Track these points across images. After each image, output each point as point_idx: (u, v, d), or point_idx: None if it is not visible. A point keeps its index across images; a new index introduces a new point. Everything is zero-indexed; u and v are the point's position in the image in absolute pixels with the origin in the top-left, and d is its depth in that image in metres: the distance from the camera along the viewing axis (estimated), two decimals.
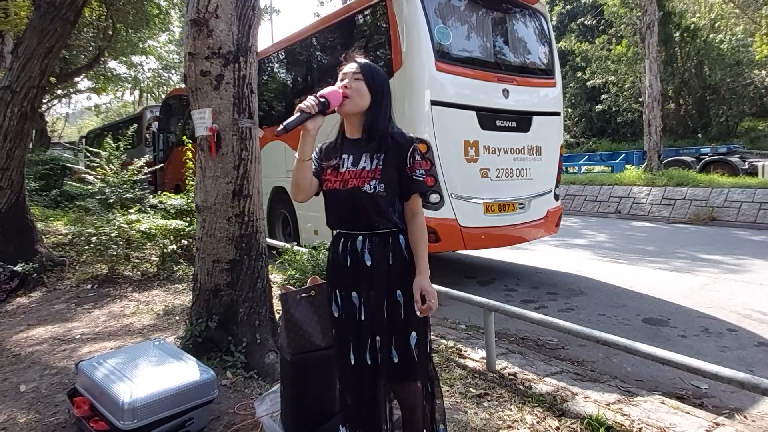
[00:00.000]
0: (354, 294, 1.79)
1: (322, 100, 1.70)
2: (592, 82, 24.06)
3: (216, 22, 2.99)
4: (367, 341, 1.77)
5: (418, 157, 1.78)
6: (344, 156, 1.81)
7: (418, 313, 1.72)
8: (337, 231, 1.87)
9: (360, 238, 1.78)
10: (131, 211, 6.05)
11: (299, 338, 2.17)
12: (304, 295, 2.20)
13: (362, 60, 1.82)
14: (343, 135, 1.88)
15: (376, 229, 1.77)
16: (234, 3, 3.03)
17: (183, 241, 5.72)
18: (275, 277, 4.89)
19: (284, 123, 1.66)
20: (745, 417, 2.69)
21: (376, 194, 1.73)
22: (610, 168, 17.55)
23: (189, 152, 6.52)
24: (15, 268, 5.00)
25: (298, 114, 1.69)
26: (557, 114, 5.91)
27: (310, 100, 1.69)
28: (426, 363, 1.84)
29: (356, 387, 1.82)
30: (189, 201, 6.07)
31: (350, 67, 1.80)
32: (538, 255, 7.19)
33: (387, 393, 1.81)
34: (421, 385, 1.84)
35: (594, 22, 24.71)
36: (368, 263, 1.76)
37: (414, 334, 1.76)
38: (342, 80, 1.79)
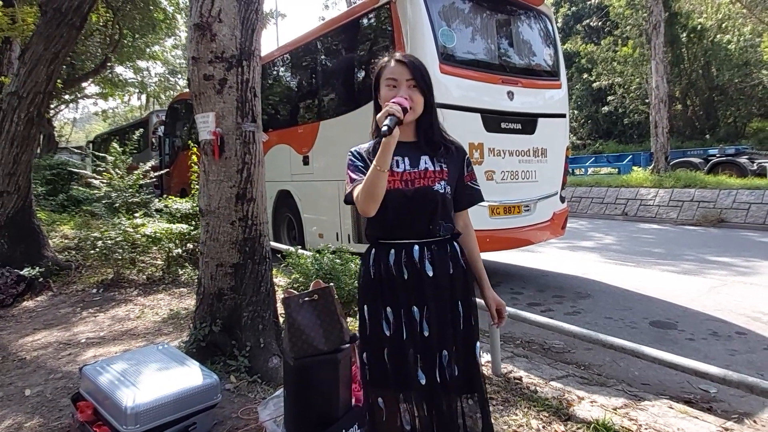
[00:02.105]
0: (415, 309, 1.65)
1: (405, 107, 1.58)
2: (598, 83, 24.01)
3: (219, 26, 3.00)
4: (437, 358, 1.64)
5: (473, 166, 1.77)
6: (397, 158, 1.67)
7: (494, 326, 1.74)
8: (380, 242, 1.72)
9: (416, 247, 1.65)
10: (137, 215, 6.07)
11: (302, 342, 2.15)
12: (307, 299, 2.18)
13: (411, 61, 1.68)
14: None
15: (435, 235, 1.66)
16: (237, 7, 3.03)
17: (188, 244, 5.73)
18: (280, 280, 4.89)
19: (385, 126, 1.51)
20: (754, 421, 2.65)
21: (446, 195, 1.66)
22: (616, 170, 17.50)
23: (194, 156, 6.56)
24: (21, 273, 5.03)
25: (391, 117, 1.54)
26: (563, 116, 5.88)
27: (394, 107, 1.55)
28: (482, 372, 1.76)
29: (427, 408, 1.68)
30: (194, 205, 6.09)
31: (402, 73, 1.66)
32: (544, 257, 7.15)
33: (459, 405, 1.70)
34: (477, 398, 1.72)
35: (600, 23, 24.66)
36: (430, 274, 1.64)
37: (478, 344, 1.72)
38: (390, 85, 1.67)
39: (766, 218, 9.47)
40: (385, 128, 1.50)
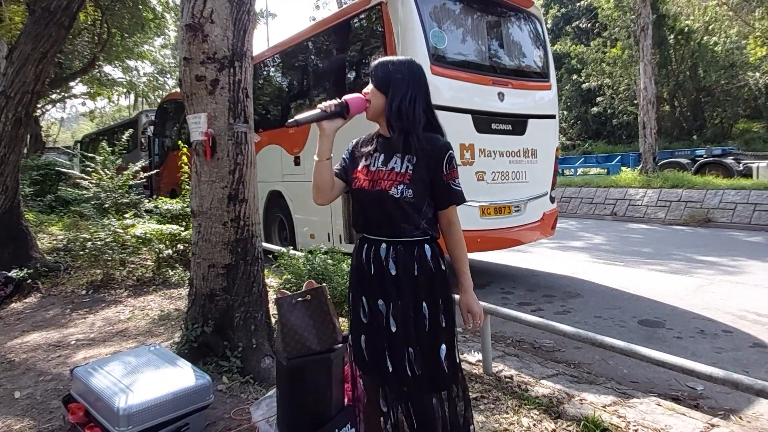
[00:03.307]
0: (381, 302, 1.73)
1: (342, 102, 1.71)
2: (587, 84, 24.18)
3: (211, 27, 2.99)
4: (404, 353, 1.70)
5: (455, 165, 1.72)
6: (376, 154, 1.78)
7: (467, 328, 1.70)
8: (362, 235, 1.81)
9: (384, 245, 1.72)
10: (126, 215, 6.03)
11: (295, 343, 2.16)
12: (299, 299, 2.19)
13: (376, 61, 1.78)
14: (378, 133, 1.84)
15: (401, 236, 1.70)
16: (229, 8, 3.03)
17: (179, 245, 5.70)
18: (271, 281, 4.88)
19: (297, 116, 1.67)
20: (740, 418, 2.69)
21: (403, 199, 1.66)
22: (605, 170, 17.63)
23: (185, 156, 6.53)
24: (9, 274, 4.98)
25: (316, 111, 1.69)
26: (553, 117, 5.93)
27: (330, 101, 1.69)
28: (456, 373, 1.76)
29: (397, 396, 1.76)
30: (184, 205, 6.06)
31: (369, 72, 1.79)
32: (534, 257, 7.20)
33: (422, 403, 1.73)
34: (453, 395, 1.75)
35: (589, 25, 24.82)
36: (393, 272, 1.69)
37: (444, 346, 1.71)
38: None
39: (751, 218, 9.60)
40: (291, 121, 1.69)
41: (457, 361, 1.78)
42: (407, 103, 1.70)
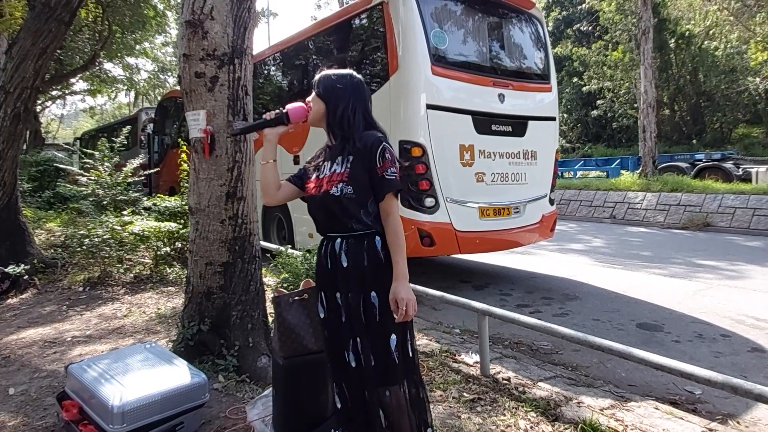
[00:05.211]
0: (338, 295, 1.83)
1: (283, 111, 1.86)
2: (588, 87, 24.20)
3: (211, 24, 2.98)
4: (350, 343, 1.79)
5: (388, 156, 1.77)
6: (325, 163, 1.89)
7: (397, 319, 1.71)
8: (325, 235, 1.91)
9: (338, 240, 1.82)
10: (125, 213, 6.01)
11: (292, 342, 2.15)
12: (296, 298, 2.18)
13: (321, 72, 1.88)
14: (326, 144, 1.95)
15: (352, 231, 1.79)
16: (229, 5, 3.02)
17: (177, 243, 5.68)
18: (269, 280, 4.87)
19: (241, 126, 1.84)
20: (738, 422, 2.68)
21: (343, 197, 1.76)
22: (605, 173, 17.63)
23: (184, 154, 6.52)
24: (6, 270, 4.96)
25: (260, 120, 1.87)
26: (553, 119, 5.93)
27: (270, 113, 1.86)
28: (410, 366, 1.82)
29: (348, 388, 1.86)
30: (183, 203, 6.04)
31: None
32: (533, 259, 7.19)
33: (375, 397, 1.78)
34: (406, 390, 1.80)
35: (590, 28, 24.85)
36: (344, 265, 1.79)
37: (393, 336, 1.76)
38: None
39: (750, 222, 9.60)
40: (235, 129, 1.87)
41: (411, 355, 1.82)
42: (349, 112, 1.82)
